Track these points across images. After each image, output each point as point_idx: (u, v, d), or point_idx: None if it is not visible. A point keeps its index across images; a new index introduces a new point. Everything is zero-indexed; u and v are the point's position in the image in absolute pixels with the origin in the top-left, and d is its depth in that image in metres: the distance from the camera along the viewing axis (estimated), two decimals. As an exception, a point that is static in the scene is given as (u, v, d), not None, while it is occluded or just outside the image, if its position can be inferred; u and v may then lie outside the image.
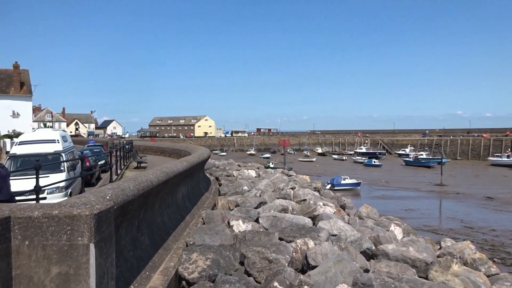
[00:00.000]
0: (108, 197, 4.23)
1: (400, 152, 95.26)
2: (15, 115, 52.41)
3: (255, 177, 19.44)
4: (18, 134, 41.03)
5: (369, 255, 7.80)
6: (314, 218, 10.02)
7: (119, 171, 18.18)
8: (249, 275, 5.93)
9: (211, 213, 9.07)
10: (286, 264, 6.15)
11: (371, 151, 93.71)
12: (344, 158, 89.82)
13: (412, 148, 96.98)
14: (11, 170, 11.77)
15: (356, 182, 45.17)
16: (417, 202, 37.08)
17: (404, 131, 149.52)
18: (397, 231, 10.66)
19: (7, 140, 46.79)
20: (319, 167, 70.58)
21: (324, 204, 11.23)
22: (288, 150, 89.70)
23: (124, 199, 4.71)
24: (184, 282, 5.82)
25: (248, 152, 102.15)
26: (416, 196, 40.96)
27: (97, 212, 3.28)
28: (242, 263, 6.28)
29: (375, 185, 48.90)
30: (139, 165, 22.65)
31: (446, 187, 46.46)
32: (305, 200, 12.47)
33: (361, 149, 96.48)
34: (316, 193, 14.48)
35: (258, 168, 26.64)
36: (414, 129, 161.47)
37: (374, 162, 74.69)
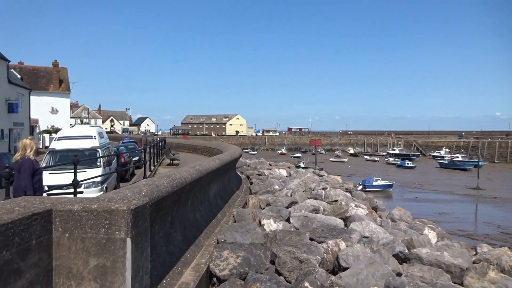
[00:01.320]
0: (143, 193, 4.33)
1: (435, 154, 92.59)
2: (54, 111, 54.45)
3: (286, 176, 19.38)
4: (56, 130, 42.57)
5: (402, 259, 7.62)
6: (346, 219, 9.89)
7: (152, 168, 18.54)
8: (280, 274, 5.92)
9: (242, 212, 9.12)
10: (317, 264, 6.10)
11: (404, 153, 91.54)
12: (376, 159, 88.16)
13: (448, 150, 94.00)
14: (50, 164, 12.24)
15: (389, 183, 44.24)
16: (452, 206, 35.95)
17: (439, 132, 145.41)
18: (431, 235, 10.36)
19: (46, 136, 48.67)
20: (351, 168, 69.61)
21: (356, 206, 11.07)
22: (319, 150, 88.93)
23: (159, 195, 4.80)
24: (215, 279, 5.88)
25: (279, 152, 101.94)
26: (451, 200, 39.72)
27: (134, 208, 3.35)
28: (272, 262, 6.28)
29: (408, 187, 47.76)
30: (171, 162, 23.03)
31: (483, 191, 44.79)
32: (336, 200, 12.33)
33: (394, 150, 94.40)
34: (348, 194, 14.29)
35: (289, 167, 26.54)
36: (449, 130, 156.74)
37: (408, 163, 72.93)
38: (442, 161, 78.12)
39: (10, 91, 35.31)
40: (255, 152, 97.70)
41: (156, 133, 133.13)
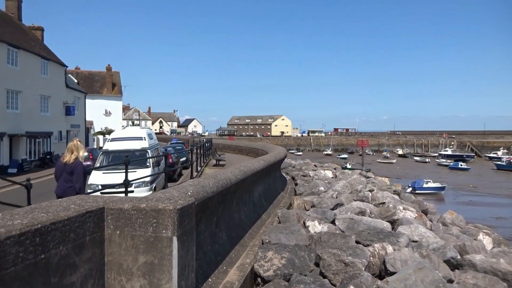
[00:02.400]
0: (189, 193, 4.44)
1: (491, 155, 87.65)
2: (107, 113, 57.00)
3: (332, 177, 19.14)
4: (109, 131, 44.51)
5: (454, 265, 7.30)
6: (393, 223, 9.62)
7: (199, 168, 18.94)
8: (324, 277, 5.86)
9: (287, 213, 9.11)
10: (363, 268, 5.98)
11: (457, 154, 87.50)
12: (427, 160, 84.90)
13: (505, 151, 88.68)
14: (104, 164, 12.83)
15: (440, 186, 42.44)
16: (510, 210, 33.93)
17: (496, 132, 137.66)
18: (486, 241, 9.84)
19: (100, 137, 50.99)
20: (399, 169, 67.47)
21: (404, 208, 10.73)
22: (366, 151, 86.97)
23: (204, 195, 4.91)
24: (259, 279, 5.92)
25: (325, 152, 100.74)
26: (509, 204, 37.48)
27: (180, 207, 3.46)
28: (317, 264, 6.23)
29: (462, 190, 45.58)
30: (217, 162, 23.40)
31: (545, 195, 41.94)
32: (383, 203, 12.02)
33: (446, 151, 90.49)
34: (396, 197, 13.88)
35: (335, 168, 26.20)
36: (507, 130, 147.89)
37: (461, 165, 69.60)
38: (499, 162, 73.79)
39: (67, 95, 37.34)
40: (300, 153, 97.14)
41: (202, 134, 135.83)
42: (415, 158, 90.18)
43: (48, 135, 32.59)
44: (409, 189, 37.72)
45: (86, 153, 7.70)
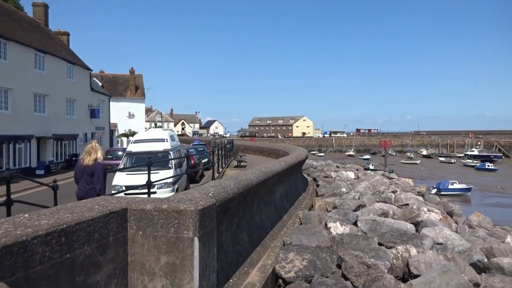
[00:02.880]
0: (210, 194, 4.48)
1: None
2: (130, 116, 57.99)
3: (354, 179, 18.94)
4: (133, 133, 45.27)
5: (480, 268, 7.12)
6: (417, 225, 9.45)
7: (220, 169, 19.04)
8: (346, 279, 5.81)
9: (308, 214, 9.07)
10: (386, 270, 5.90)
11: (484, 154, 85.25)
12: (452, 161, 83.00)
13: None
14: (127, 166, 13.05)
15: (466, 187, 41.40)
16: (541, 212, 32.83)
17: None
18: (515, 244, 9.56)
19: (124, 139, 51.87)
20: (424, 170, 66.18)
21: (428, 210, 10.53)
22: (389, 152, 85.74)
23: (225, 196, 4.94)
24: (280, 281, 5.91)
25: (347, 153, 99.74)
26: (540, 206, 36.29)
27: (201, 208, 3.49)
28: (339, 266, 6.18)
29: (489, 192, 44.36)
30: (239, 164, 23.48)
31: None
32: (407, 204, 11.82)
33: (473, 151, 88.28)
34: (420, 198, 13.64)
35: (357, 169, 25.94)
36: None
37: (488, 166, 67.73)
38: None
39: (92, 98, 38.16)
40: (322, 154, 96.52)
41: (224, 135, 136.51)
42: (440, 158, 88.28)
43: (74, 137, 33.37)
44: (434, 191, 36.97)
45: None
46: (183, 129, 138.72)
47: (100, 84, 48.57)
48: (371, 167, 54.31)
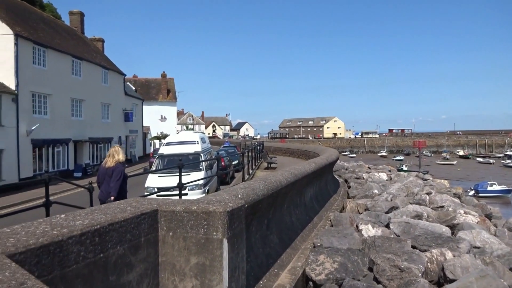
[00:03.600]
0: (240, 196, 4.51)
1: None
2: (162, 119, 59.14)
3: (387, 180, 18.57)
4: (165, 136, 46.14)
5: (522, 273, 6.82)
6: (453, 227, 9.15)
7: (250, 171, 19.12)
8: (379, 282, 5.70)
9: (339, 216, 8.97)
10: (419, 274, 5.75)
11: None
12: (491, 161, 79.88)
13: None
14: (159, 168, 13.31)
15: (507, 189, 39.72)
16: None
17: None
18: (560, 248, 9.10)
19: (156, 141, 52.91)
20: (460, 171, 64.04)
21: (465, 212, 10.18)
22: (424, 152, 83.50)
23: (255, 198, 4.95)
24: (311, 283, 5.86)
25: (380, 154, 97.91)
26: None
27: (230, 210, 3.52)
28: (371, 269, 6.07)
29: (531, 193, 42.40)
30: (269, 165, 23.49)
31: None
32: (442, 206, 11.48)
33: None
34: (456, 200, 13.19)
35: (389, 170, 25.40)
36: None
37: (530, 166, 64.86)
38: None
39: (126, 102, 39.18)
40: (353, 155, 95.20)
41: (254, 137, 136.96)
42: (478, 159, 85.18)
43: (109, 140, 34.35)
44: (472, 192, 35.75)
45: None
46: (213, 131, 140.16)
47: (134, 88, 49.81)
48: (404, 168, 53.14)
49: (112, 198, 7.35)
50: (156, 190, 11.24)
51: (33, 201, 16.60)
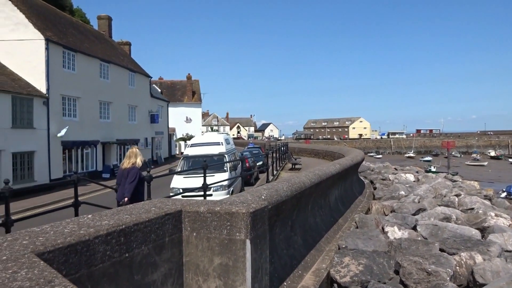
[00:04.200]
0: (263, 197, 4.51)
1: None
2: (188, 120, 59.82)
3: (414, 181, 18.20)
4: (190, 137, 46.67)
5: (557, 279, 6.56)
6: (483, 230, 8.88)
7: (275, 172, 19.09)
8: (405, 285, 5.59)
9: (364, 217, 8.85)
10: (448, 278, 5.60)
11: (562, 155, 78.41)
12: (524, 162, 77.14)
13: None
14: (184, 169, 13.46)
15: (541, 191, 38.26)
16: None
17: None
18: None
19: (182, 143, 53.57)
20: (492, 172, 62.02)
21: (496, 215, 9.86)
22: (453, 153, 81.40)
23: (278, 199, 4.95)
24: (335, 285, 5.80)
25: (407, 155, 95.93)
26: None
27: (253, 211, 3.52)
28: (397, 272, 5.96)
29: None
30: (293, 166, 23.41)
31: None
32: (472, 209, 11.16)
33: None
34: (487, 202, 12.80)
35: (417, 172, 24.93)
36: None
37: None
38: None
39: (152, 104, 39.81)
40: (380, 156, 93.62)
41: (279, 138, 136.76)
42: (510, 160, 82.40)
43: (136, 142, 34.98)
44: (504, 194, 34.53)
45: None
46: (238, 132, 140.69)
47: (159, 90, 50.58)
48: (432, 169, 51.89)
49: (125, 199, 7.29)
50: (181, 191, 11.37)
51: (63, 201, 17.09)
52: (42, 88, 23.04)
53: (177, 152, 52.84)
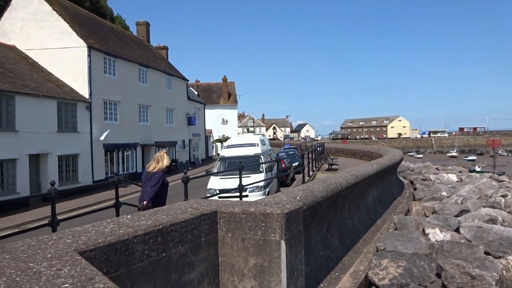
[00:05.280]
0: (298, 198, 4.48)
1: None
2: (224, 122, 60.47)
3: (456, 181, 17.55)
4: (226, 139, 47.14)
5: None
6: (533, 233, 8.44)
7: (311, 173, 18.95)
8: (447, 289, 5.40)
9: (404, 219, 8.62)
10: (493, 283, 5.36)
11: None
12: None
13: None
14: (221, 170, 13.61)
15: None
16: None
17: None
18: None
19: (218, 144, 54.20)
20: (542, 172, 58.82)
21: (547, 217, 9.36)
22: (499, 152, 77.87)
23: (313, 200, 4.90)
24: (373, 288, 5.69)
25: (449, 154, 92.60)
26: None
27: (287, 212, 3.51)
28: (438, 276, 5.76)
29: None
30: (330, 167, 23.15)
31: None
32: (520, 210, 10.63)
33: None
34: (536, 203, 12.15)
35: (460, 171, 24.02)
36: None
37: None
38: None
39: (189, 106, 40.53)
40: (420, 156, 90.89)
41: (315, 138, 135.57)
42: (562, 158, 77.85)
43: (173, 144, 35.72)
44: (555, 195, 32.66)
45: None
46: (274, 133, 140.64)
47: (196, 93, 51.41)
48: (477, 169, 49.85)
49: (145, 202, 7.18)
50: (217, 191, 11.51)
51: (105, 202, 17.70)
52: (85, 93, 23.98)
53: (214, 154, 53.54)
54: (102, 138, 24.70)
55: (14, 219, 15.57)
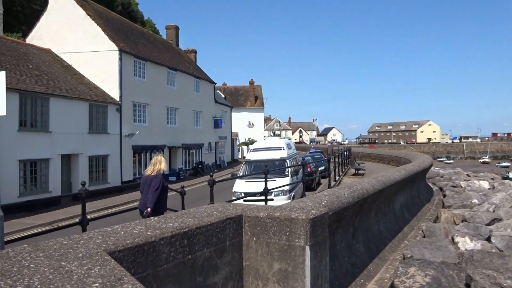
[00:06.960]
0: (323, 203, 4.47)
1: None
2: (250, 125, 60.67)
3: (488, 189, 17.02)
4: (252, 142, 47.25)
5: None
6: None
7: (337, 178, 18.76)
8: (477, 300, 5.25)
9: (432, 226, 8.44)
10: (526, 295, 5.18)
11: None
12: None
13: None
14: (246, 173, 13.66)
15: None
16: None
17: None
18: None
19: (244, 147, 54.41)
20: None
21: None
22: (534, 158, 74.86)
23: (339, 206, 4.87)
24: (400, 296, 5.59)
25: (481, 160, 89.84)
26: None
27: (312, 217, 3.51)
28: (468, 286, 5.61)
29: None
30: (356, 171, 22.87)
31: None
32: (556, 220, 10.22)
33: None
34: None
35: (492, 178, 23.27)
36: None
37: None
38: None
39: (216, 109, 40.90)
40: (451, 161, 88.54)
41: (342, 142, 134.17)
42: None
43: (200, 146, 36.10)
44: None
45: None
46: (300, 136, 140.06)
47: (223, 96, 51.81)
48: (510, 175, 48.10)
49: (148, 209, 7.11)
50: (243, 195, 11.55)
51: (133, 202, 18.05)
52: (116, 96, 24.58)
53: (240, 157, 53.77)
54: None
55: (46, 217, 16.10)
